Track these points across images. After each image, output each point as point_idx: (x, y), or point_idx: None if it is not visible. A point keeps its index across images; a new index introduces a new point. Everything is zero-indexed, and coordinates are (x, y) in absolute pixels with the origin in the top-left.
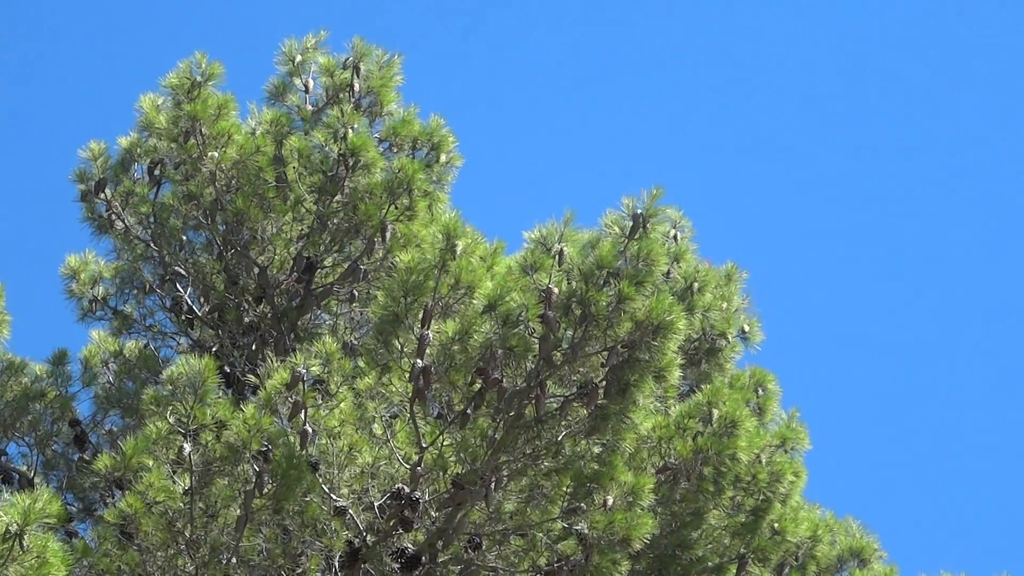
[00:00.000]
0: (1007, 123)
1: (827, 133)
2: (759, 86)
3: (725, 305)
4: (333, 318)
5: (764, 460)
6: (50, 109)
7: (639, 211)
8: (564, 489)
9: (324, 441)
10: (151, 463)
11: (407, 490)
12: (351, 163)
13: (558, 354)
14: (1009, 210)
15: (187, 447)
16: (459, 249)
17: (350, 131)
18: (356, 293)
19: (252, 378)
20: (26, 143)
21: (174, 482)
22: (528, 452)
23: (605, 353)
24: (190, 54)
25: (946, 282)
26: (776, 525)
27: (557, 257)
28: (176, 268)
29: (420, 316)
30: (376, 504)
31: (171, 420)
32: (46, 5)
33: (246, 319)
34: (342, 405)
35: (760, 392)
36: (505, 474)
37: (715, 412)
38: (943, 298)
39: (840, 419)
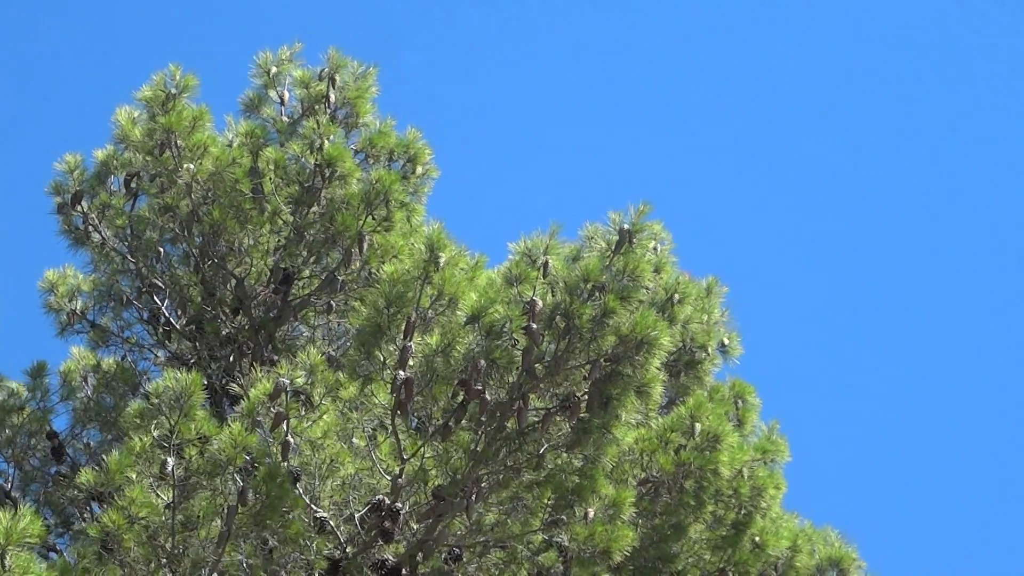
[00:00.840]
0: (1001, 130)
1: (811, 143)
2: (742, 99)
3: (705, 318)
4: (311, 330)
5: (746, 474)
6: (22, 121)
7: (626, 226)
8: (545, 501)
9: (307, 452)
10: (134, 476)
11: (387, 501)
12: (327, 174)
13: (541, 367)
14: (990, 224)
15: (170, 461)
16: (443, 261)
17: (326, 142)
18: (333, 304)
19: (235, 388)
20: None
21: (156, 496)
22: (509, 464)
23: (588, 367)
24: (166, 66)
25: (925, 295)
26: (757, 539)
27: (542, 269)
28: (153, 280)
29: (403, 327)
30: (357, 515)
31: (155, 434)
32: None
33: (224, 331)
34: (325, 417)
35: (740, 404)
36: (486, 486)
37: (698, 426)
38: (921, 310)
39: (819, 428)
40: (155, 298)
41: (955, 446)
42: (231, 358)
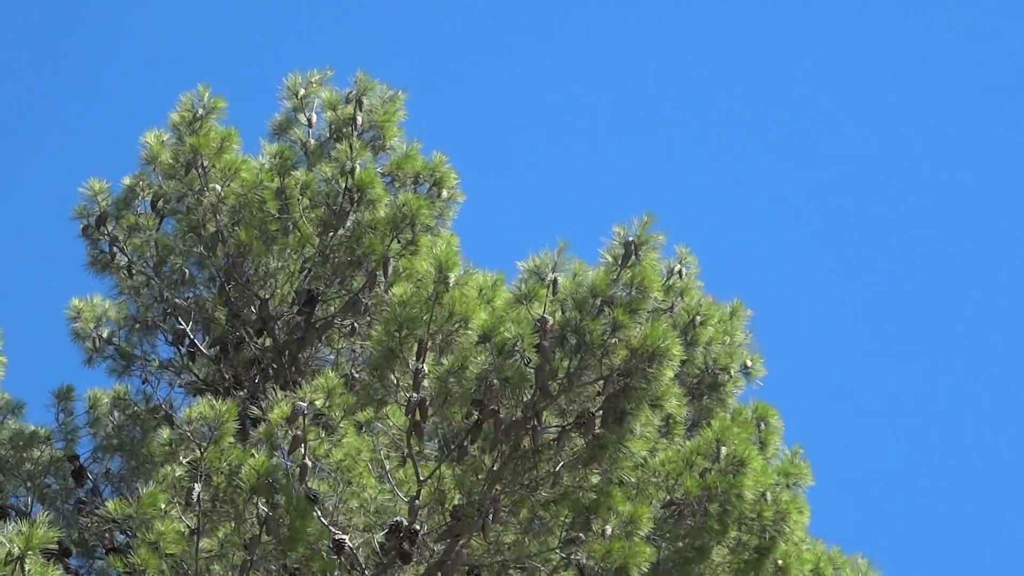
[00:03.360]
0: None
1: (833, 161)
2: (768, 121)
3: (728, 340)
4: (334, 351)
5: (770, 498)
6: (49, 146)
7: (631, 238)
8: (562, 519)
9: (329, 473)
10: (162, 504)
11: (405, 522)
12: (356, 198)
13: (554, 384)
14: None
15: (197, 488)
16: (452, 281)
17: (357, 166)
18: (357, 327)
19: (255, 411)
20: (26, 182)
21: (182, 523)
22: (526, 483)
23: (601, 382)
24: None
25: (954, 315)
26: (780, 563)
27: (551, 286)
28: (177, 302)
29: (415, 350)
30: (376, 537)
31: (184, 461)
32: (47, 44)
33: (248, 353)
34: (346, 440)
35: (762, 426)
36: (503, 505)
37: (724, 450)
38: (950, 330)
39: (844, 453)
40: (179, 320)
41: (986, 470)
42: (256, 380)
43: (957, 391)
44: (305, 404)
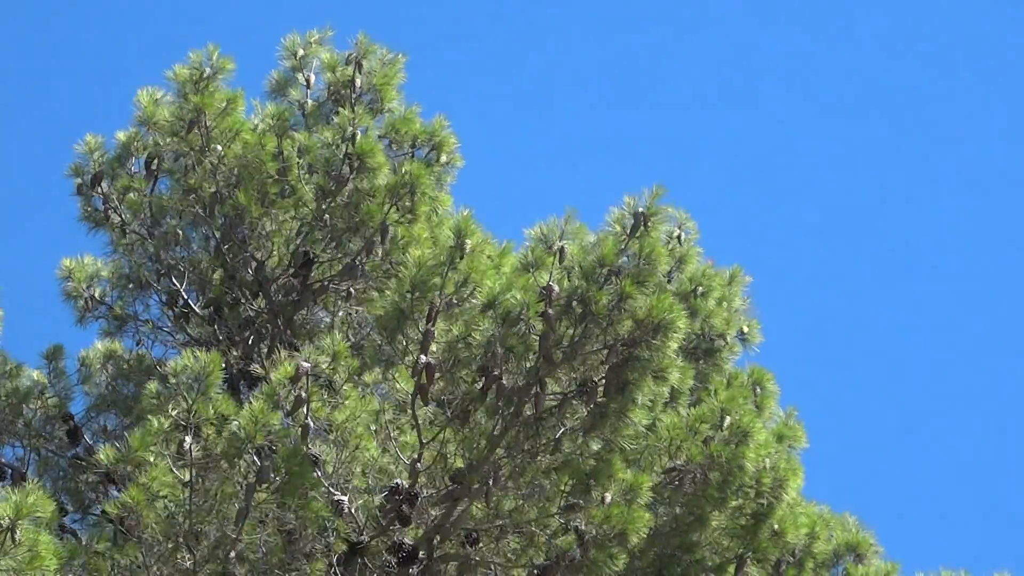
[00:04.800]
0: (1007, 118)
1: (829, 132)
2: (763, 87)
3: (726, 306)
4: (330, 315)
5: (769, 465)
6: (47, 105)
7: (641, 209)
8: (562, 486)
9: (331, 435)
10: (152, 458)
11: (405, 485)
12: (356, 165)
13: (558, 352)
14: (1008, 209)
15: (188, 440)
16: (468, 248)
17: (358, 134)
18: (353, 292)
19: (257, 370)
20: (23, 138)
21: (175, 475)
22: (527, 449)
23: (605, 351)
24: (186, 51)
25: (944, 279)
26: (776, 527)
27: (558, 254)
28: (171, 262)
29: (426, 313)
30: (375, 500)
31: (173, 414)
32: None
33: (243, 314)
34: (348, 402)
35: (758, 391)
36: (504, 471)
37: (728, 419)
38: (941, 294)
39: (837, 416)
40: (173, 280)
41: (972, 429)
42: (250, 341)
43: (950, 351)
44: (309, 365)
